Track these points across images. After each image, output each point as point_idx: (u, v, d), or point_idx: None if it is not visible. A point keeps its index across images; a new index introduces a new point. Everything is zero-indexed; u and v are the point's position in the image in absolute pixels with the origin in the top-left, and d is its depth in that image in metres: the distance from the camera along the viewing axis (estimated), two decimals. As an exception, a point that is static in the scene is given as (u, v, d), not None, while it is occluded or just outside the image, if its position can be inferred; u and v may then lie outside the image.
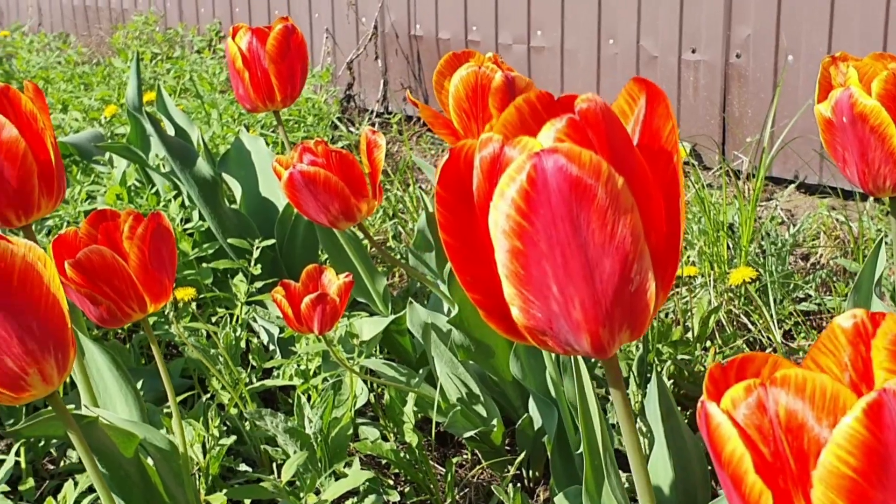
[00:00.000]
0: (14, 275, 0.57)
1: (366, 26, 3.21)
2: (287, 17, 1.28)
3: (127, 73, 2.84)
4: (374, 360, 1.42)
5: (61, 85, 2.83)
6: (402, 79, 3.19)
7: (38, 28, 4.66)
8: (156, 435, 0.85)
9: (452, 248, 0.45)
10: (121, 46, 3.46)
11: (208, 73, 2.96)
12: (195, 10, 3.82)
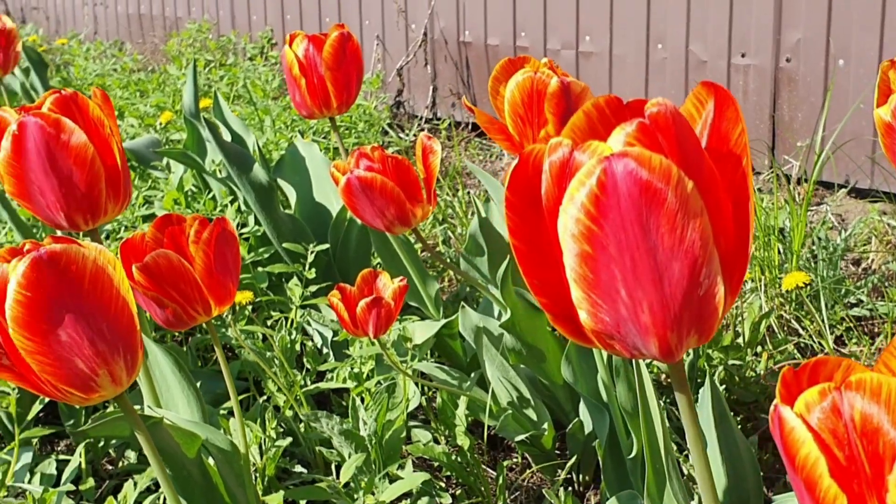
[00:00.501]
0: (85, 278, 0.58)
1: (415, 33, 3.22)
2: (342, 25, 1.28)
3: (181, 80, 2.88)
4: (426, 364, 1.42)
5: (117, 92, 2.87)
6: (450, 85, 3.20)
7: (93, 36, 4.73)
8: (217, 436, 0.86)
9: (521, 252, 0.45)
10: (175, 54, 3.51)
11: (261, 79, 2.99)
12: (247, 17, 3.85)
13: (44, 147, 0.74)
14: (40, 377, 0.59)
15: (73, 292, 0.58)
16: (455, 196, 2.36)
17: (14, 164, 0.75)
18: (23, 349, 0.58)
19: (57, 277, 0.57)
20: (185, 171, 1.75)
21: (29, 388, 0.60)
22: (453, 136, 3.05)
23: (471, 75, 3.14)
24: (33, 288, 0.56)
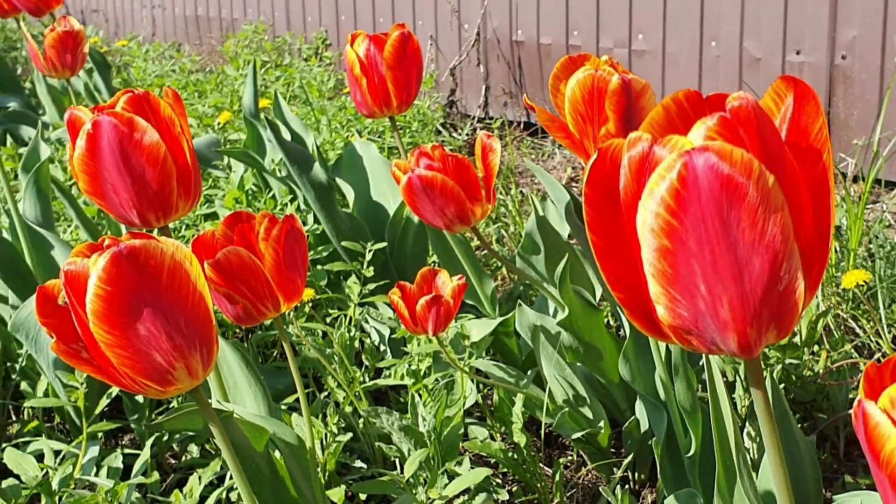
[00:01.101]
0: (163, 273, 0.59)
1: (468, 33, 3.22)
2: (403, 24, 1.29)
3: (239, 81, 2.91)
4: (483, 361, 1.42)
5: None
6: (503, 84, 3.20)
7: (151, 38, 4.79)
8: (285, 430, 0.87)
9: (598, 247, 0.45)
10: (232, 55, 3.54)
11: (316, 80, 3.00)
12: (302, 18, 3.88)
13: (117, 146, 0.75)
14: (119, 370, 0.60)
15: (151, 287, 0.58)
16: (508, 194, 2.36)
17: (88, 163, 0.76)
18: (102, 342, 0.58)
19: (136, 272, 0.58)
20: (246, 170, 1.77)
21: (107, 381, 0.61)
22: (506, 136, 3.04)
23: (523, 74, 3.14)
24: (113, 282, 0.57)
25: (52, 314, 0.60)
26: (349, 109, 2.64)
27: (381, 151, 2.36)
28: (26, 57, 4.07)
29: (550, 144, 3.02)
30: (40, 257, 1.32)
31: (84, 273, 0.58)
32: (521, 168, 2.85)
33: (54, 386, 1.20)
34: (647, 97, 1.03)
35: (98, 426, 1.13)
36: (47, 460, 1.00)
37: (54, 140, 2.15)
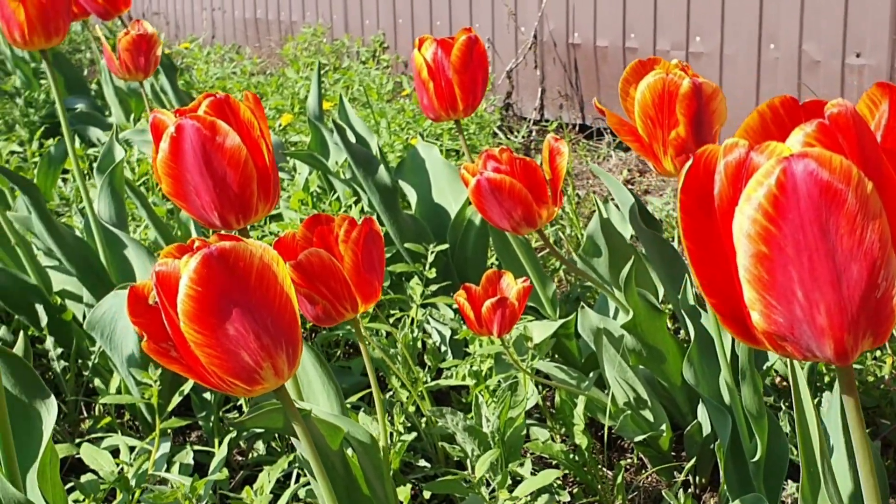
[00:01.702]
0: (252, 274, 0.60)
1: (525, 35, 3.22)
2: (470, 28, 1.29)
3: (299, 84, 2.93)
4: (546, 363, 1.42)
5: (237, 95, 2.94)
6: (558, 87, 3.19)
7: (211, 40, 4.85)
8: (358, 429, 0.88)
9: (692, 252, 0.45)
10: (291, 58, 3.57)
11: (375, 83, 3.02)
12: (360, 21, 3.90)
13: (200, 149, 0.76)
14: (207, 369, 0.61)
15: (240, 288, 0.59)
16: (565, 196, 2.35)
17: (171, 165, 0.77)
18: (193, 342, 0.59)
19: (226, 273, 0.59)
20: (311, 172, 1.78)
21: (196, 380, 0.62)
22: (562, 138, 3.04)
23: (579, 77, 3.13)
24: (204, 283, 0.58)
25: (143, 314, 0.62)
26: (407, 112, 2.65)
27: (442, 154, 2.37)
28: (91, 58, 4.14)
29: (605, 147, 3.01)
30: (114, 256, 1.34)
31: (175, 274, 0.59)
32: (577, 170, 2.84)
33: (127, 383, 1.22)
34: (718, 101, 1.02)
35: (169, 423, 1.14)
36: (122, 456, 1.02)
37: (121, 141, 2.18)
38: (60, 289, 1.41)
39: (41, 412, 0.76)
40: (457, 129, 1.36)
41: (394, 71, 3.70)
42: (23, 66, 3.09)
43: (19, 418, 0.75)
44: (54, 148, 1.86)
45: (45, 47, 1.14)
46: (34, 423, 0.76)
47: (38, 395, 0.76)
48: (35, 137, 2.33)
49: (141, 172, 2.06)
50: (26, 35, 1.11)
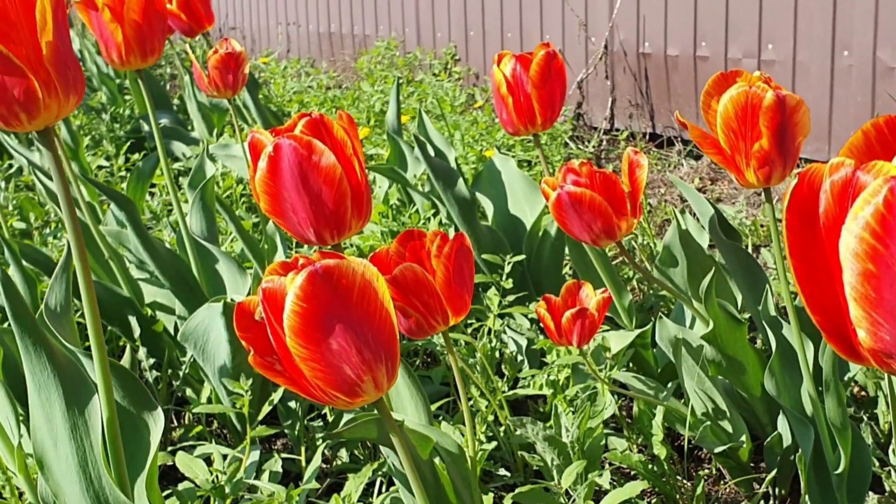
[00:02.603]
0: (354, 290, 0.61)
1: (595, 46, 3.21)
2: (548, 44, 1.30)
3: (374, 97, 2.96)
4: (624, 373, 1.42)
5: (314, 109, 2.98)
6: (628, 96, 3.18)
7: (287, 54, 4.92)
8: (447, 439, 0.89)
9: (798, 270, 0.45)
10: (366, 71, 3.61)
11: (448, 95, 3.04)
12: (432, 34, 3.93)
13: (297, 167, 0.78)
14: (311, 382, 0.63)
15: (343, 304, 0.61)
16: (639, 207, 2.34)
17: (269, 184, 0.79)
18: (297, 356, 0.61)
19: (330, 290, 0.60)
20: (391, 185, 1.80)
21: (299, 392, 0.64)
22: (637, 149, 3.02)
23: (649, 86, 3.11)
24: (309, 300, 0.60)
25: (250, 329, 0.63)
26: (480, 124, 2.66)
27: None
28: (171, 73, 4.23)
29: (676, 155, 2.99)
30: (206, 270, 1.38)
31: (281, 290, 0.61)
32: (648, 179, 2.82)
33: (218, 393, 1.25)
34: (801, 113, 1.01)
35: (258, 431, 1.17)
36: (216, 464, 1.04)
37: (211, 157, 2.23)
38: (151, 301, 1.45)
39: (149, 423, 0.78)
40: (534, 142, 1.37)
41: (465, 83, 3.72)
42: (108, 83, 3.17)
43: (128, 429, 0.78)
44: (143, 163, 1.91)
45: (140, 67, 1.17)
46: (142, 433, 0.78)
47: (146, 407, 0.78)
48: (121, 152, 2.39)
49: (226, 186, 2.11)
50: (123, 55, 1.15)
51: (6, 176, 2.32)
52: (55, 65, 0.61)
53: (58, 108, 0.62)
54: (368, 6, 4.29)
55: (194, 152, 2.36)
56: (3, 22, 0.59)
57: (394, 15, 4.13)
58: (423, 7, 3.95)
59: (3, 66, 0.58)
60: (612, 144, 3.17)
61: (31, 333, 0.76)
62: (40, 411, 0.76)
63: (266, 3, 5.10)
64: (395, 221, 1.75)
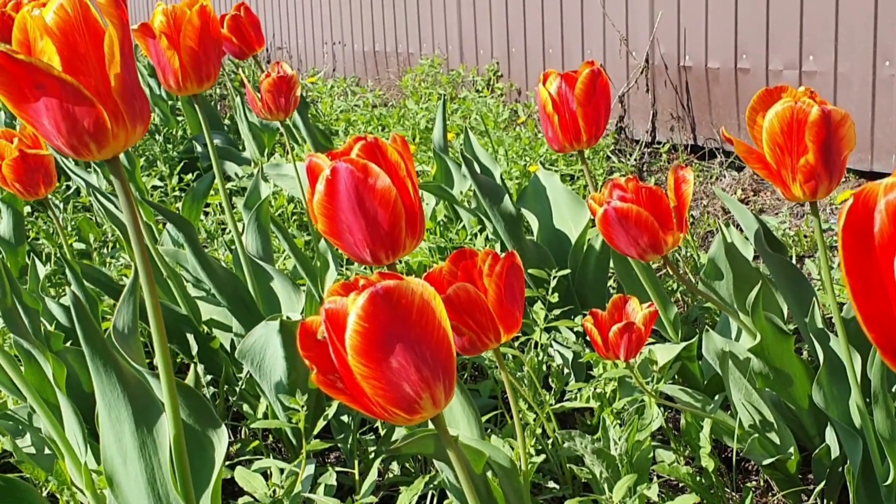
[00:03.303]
0: (413, 310, 0.63)
1: (636, 59, 3.21)
2: (592, 62, 1.31)
3: (420, 114, 2.98)
4: (670, 386, 1.42)
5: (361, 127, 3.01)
6: (670, 109, 3.17)
7: (332, 73, 4.96)
8: (499, 453, 0.90)
9: (853, 288, 0.46)
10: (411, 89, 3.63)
11: (492, 111, 3.05)
12: (475, 51, 3.95)
13: (353, 190, 0.79)
14: (372, 400, 0.64)
15: (403, 323, 0.62)
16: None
17: (327, 206, 0.81)
18: (359, 374, 0.62)
19: (390, 310, 0.62)
20: (438, 202, 1.82)
21: (360, 409, 0.65)
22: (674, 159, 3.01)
23: (690, 99, 3.10)
24: (370, 320, 0.61)
25: (313, 348, 0.65)
26: (523, 139, 2.67)
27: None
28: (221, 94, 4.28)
29: (717, 167, 2.98)
30: (262, 288, 1.40)
31: (343, 311, 0.62)
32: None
33: (274, 408, 1.27)
34: (847, 127, 1.01)
35: (313, 445, 1.18)
36: (274, 478, 1.06)
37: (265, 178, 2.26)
38: (208, 318, 1.47)
39: (213, 440, 0.80)
40: (580, 159, 1.37)
41: (507, 99, 3.73)
42: (161, 105, 3.22)
43: (193, 446, 0.79)
44: (198, 184, 1.94)
45: (196, 92, 1.20)
46: (206, 450, 0.80)
47: (210, 424, 0.80)
48: (174, 172, 2.43)
49: (277, 205, 2.13)
50: (180, 81, 1.18)
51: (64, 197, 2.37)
52: (123, 96, 0.63)
53: (125, 138, 0.64)
54: (412, 25, 4.32)
55: (246, 172, 2.40)
56: (74, 55, 0.61)
57: (437, 33, 4.16)
58: (466, 25, 3.97)
59: (74, 97, 0.60)
60: (654, 157, 3.16)
61: (102, 355, 0.78)
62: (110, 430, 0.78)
63: (312, 23, 5.15)
64: (442, 238, 1.76)
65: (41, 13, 0.60)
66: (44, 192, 1.46)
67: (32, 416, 1.18)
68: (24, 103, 0.61)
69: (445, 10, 4.09)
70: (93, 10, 0.62)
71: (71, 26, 0.61)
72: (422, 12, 4.25)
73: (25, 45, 0.61)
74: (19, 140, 1.44)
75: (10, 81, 0.60)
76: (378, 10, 4.56)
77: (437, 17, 4.15)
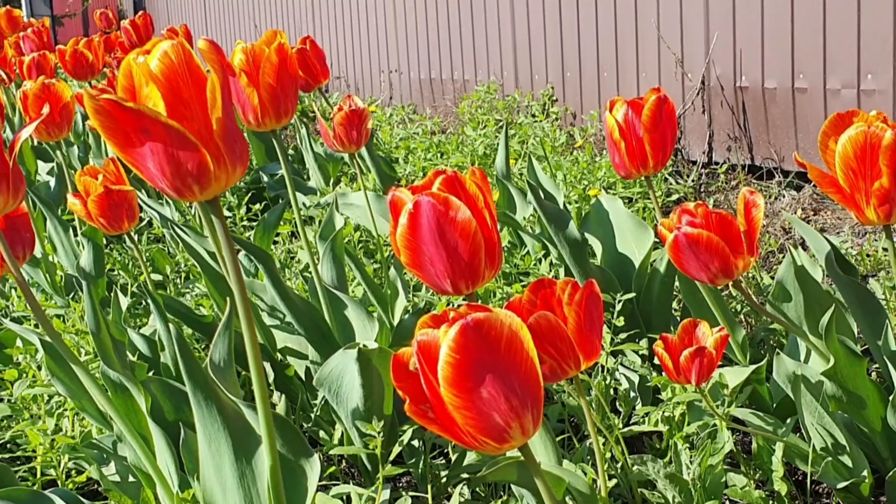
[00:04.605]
0: (502, 341, 0.64)
1: (692, 81, 3.20)
2: (659, 88, 1.31)
3: (478, 141, 3.00)
4: (742, 410, 1.41)
5: (420, 154, 3.03)
6: (726, 129, 3.15)
7: (389, 101, 5.01)
8: (578, 479, 0.90)
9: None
10: (469, 116, 3.65)
11: (549, 136, 3.06)
12: (529, 76, 3.97)
13: (435, 223, 0.81)
14: (462, 429, 0.65)
15: (492, 354, 0.63)
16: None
17: (409, 238, 0.83)
18: (450, 404, 0.64)
19: (481, 341, 0.63)
20: (501, 227, 1.83)
21: (450, 438, 0.66)
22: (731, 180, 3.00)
23: (747, 119, 3.09)
24: (461, 351, 0.62)
25: (405, 378, 0.66)
26: (581, 163, 2.67)
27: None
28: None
29: (776, 186, 2.96)
30: (337, 316, 1.42)
31: (434, 343, 0.64)
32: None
33: (350, 434, 1.28)
34: (920, 151, 1.00)
35: (388, 470, 1.19)
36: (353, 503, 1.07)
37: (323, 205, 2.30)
38: (283, 346, 1.49)
39: (305, 469, 0.82)
40: (647, 184, 1.38)
41: (562, 123, 3.74)
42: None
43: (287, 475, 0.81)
44: (269, 215, 1.98)
45: (275, 127, 1.22)
46: (299, 479, 0.81)
47: (303, 454, 0.82)
48: (242, 202, 2.47)
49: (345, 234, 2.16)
50: (259, 118, 1.20)
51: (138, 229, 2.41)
52: (224, 139, 0.65)
53: (226, 179, 0.66)
54: (468, 52, 4.36)
55: (312, 201, 2.43)
56: (177, 101, 0.63)
57: (492, 59, 4.18)
58: (521, 50, 3.99)
59: (179, 142, 0.62)
60: (711, 178, 3.14)
61: (203, 388, 0.80)
62: (210, 461, 0.80)
63: (369, 51, 5.22)
64: (507, 263, 1.77)
65: (146, 60, 0.62)
66: (127, 226, 1.50)
67: (117, 444, 1.21)
68: (130, 147, 0.63)
69: (500, 37, 4.11)
70: (195, 57, 0.64)
71: (175, 73, 0.63)
72: (477, 39, 4.28)
73: (130, 91, 0.63)
74: (104, 176, 1.48)
75: (117, 127, 0.62)
76: (434, 38, 4.60)
77: (493, 44, 4.18)
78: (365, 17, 5.22)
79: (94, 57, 3.17)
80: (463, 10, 4.36)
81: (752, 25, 2.97)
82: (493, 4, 4.15)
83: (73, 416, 1.37)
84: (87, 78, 3.22)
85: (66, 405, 1.41)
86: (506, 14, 4.07)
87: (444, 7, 4.49)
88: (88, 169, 1.50)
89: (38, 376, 1.43)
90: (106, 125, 0.62)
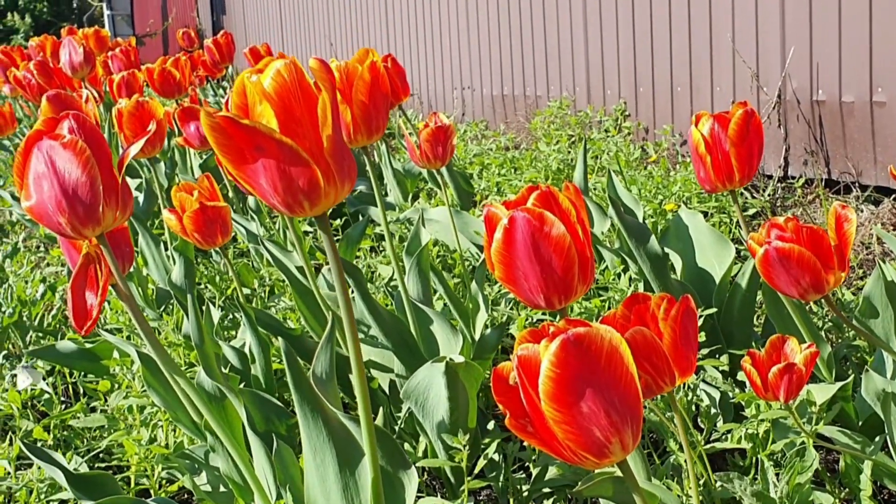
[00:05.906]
0: (602, 356, 0.63)
1: (767, 95, 3.15)
2: (745, 102, 1.30)
3: (551, 157, 3.00)
4: (829, 427, 1.38)
5: (495, 170, 3.04)
6: (802, 143, 3.10)
7: (461, 117, 5.03)
8: (669, 496, 0.89)
9: None
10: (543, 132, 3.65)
11: (623, 151, 3.04)
12: (602, 91, 3.95)
13: (530, 238, 0.81)
14: (562, 443, 0.65)
15: (593, 369, 0.63)
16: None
17: (504, 253, 0.83)
18: (551, 419, 0.63)
19: (581, 356, 0.63)
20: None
21: (549, 452, 0.66)
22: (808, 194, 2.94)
23: (824, 133, 3.03)
24: (562, 366, 0.62)
25: (505, 392, 0.66)
26: (656, 178, 2.65)
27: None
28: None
29: (854, 201, 2.90)
30: (422, 330, 1.43)
31: (534, 357, 0.64)
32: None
33: (435, 447, 1.29)
34: None
35: (472, 483, 1.19)
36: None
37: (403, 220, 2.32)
38: (367, 359, 1.50)
39: (404, 481, 0.82)
40: (732, 199, 1.36)
41: (635, 138, 3.71)
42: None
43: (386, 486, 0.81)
44: (352, 230, 2.00)
45: (367, 144, 1.23)
46: (398, 491, 0.82)
47: (401, 466, 0.82)
48: (322, 217, 2.50)
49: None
50: (352, 134, 1.22)
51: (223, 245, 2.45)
52: (333, 155, 0.66)
53: (335, 195, 0.67)
54: (540, 69, 4.35)
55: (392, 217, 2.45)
56: (290, 118, 0.64)
57: (564, 75, 4.17)
58: (594, 66, 3.97)
59: (292, 159, 0.64)
60: (788, 192, 3.09)
61: (310, 401, 0.81)
62: (315, 472, 0.81)
63: (442, 69, 5.24)
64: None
65: (259, 79, 0.63)
66: (221, 241, 1.53)
67: (209, 454, 1.23)
68: (244, 164, 0.64)
69: (573, 53, 4.10)
70: (306, 76, 0.65)
71: (287, 91, 0.64)
72: (549, 55, 4.27)
73: (244, 109, 0.65)
74: (199, 192, 1.51)
75: (231, 144, 0.64)
76: (507, 54, 4.60)
77: (565, 60, 4.17)
78: (438, 34, 5.25)
79: (180, 75, 3.25)
80: (536, 26, 4.36)
81: (829, 39, 2.92)
82: (565, 20, 4.14)
83: (167, 426, 1.40)
84: (173, 96, 3.29)
85: (160, 416, 1.44)
86: (578, 30, 4.06)
87: (518, 24, 4.50)
88: (184, 185, 1.53)
89: (134, 387, 1.46)
90: (220, 142, 0.63)
